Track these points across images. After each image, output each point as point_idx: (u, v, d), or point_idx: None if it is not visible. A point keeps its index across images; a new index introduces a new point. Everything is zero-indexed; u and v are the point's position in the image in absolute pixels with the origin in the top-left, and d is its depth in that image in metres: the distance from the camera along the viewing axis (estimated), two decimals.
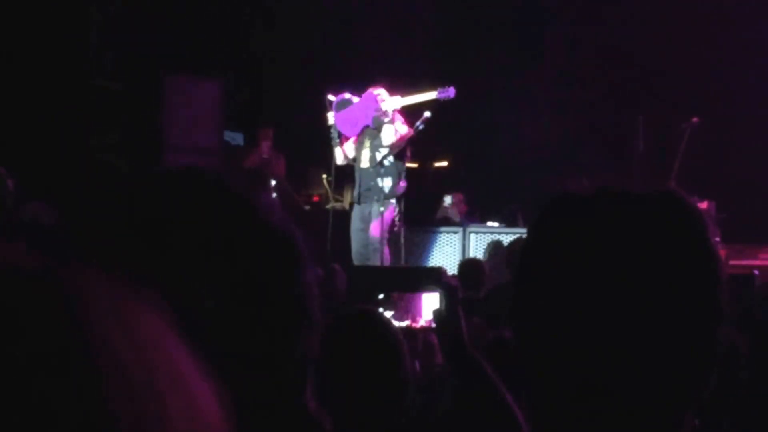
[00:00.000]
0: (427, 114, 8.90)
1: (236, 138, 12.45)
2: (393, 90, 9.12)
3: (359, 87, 9.34)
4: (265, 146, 11.17)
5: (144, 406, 0.55)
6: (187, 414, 0.57)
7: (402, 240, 9.35)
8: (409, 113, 9.13)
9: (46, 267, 0.59)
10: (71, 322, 0.55)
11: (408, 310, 6.26)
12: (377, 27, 12.47)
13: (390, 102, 9.04)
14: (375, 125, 9.04)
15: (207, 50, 11.50)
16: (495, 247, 9.61)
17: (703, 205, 9.60)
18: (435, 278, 2.66)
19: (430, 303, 4.62)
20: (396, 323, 5.41)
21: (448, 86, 8.94)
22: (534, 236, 1.19)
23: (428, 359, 4.36)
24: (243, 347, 0.89)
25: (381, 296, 5.77)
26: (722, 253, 6.82)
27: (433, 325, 2.61)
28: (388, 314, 5.51)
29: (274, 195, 9.76)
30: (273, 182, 10.49)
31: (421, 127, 8.95)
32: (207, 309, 0.88)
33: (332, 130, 9.33)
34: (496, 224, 11.27)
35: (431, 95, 8.96)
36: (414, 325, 6.00)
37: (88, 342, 0.54)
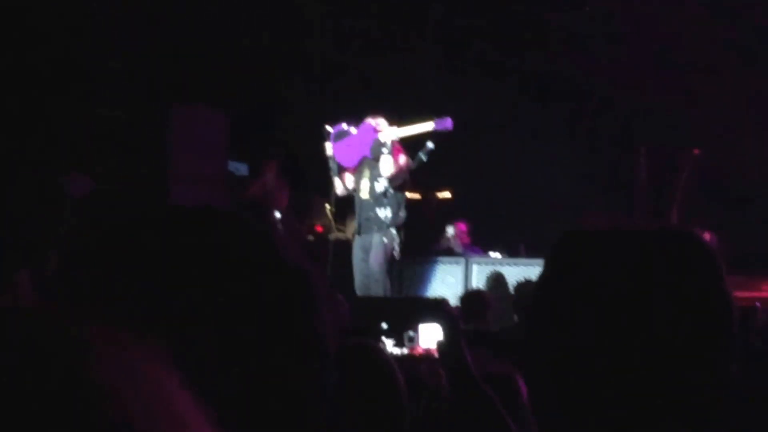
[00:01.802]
0: (429, 144, 8.92)
1: (240, 169, 12.44)
2: (392, 121, 9.12)
3: (357, 118, 9.35)
4: (270, 177, 11.16)
5: None
6: None
7: (402, 270, 9.32)
8: (409, 144, 9.14)
9: (51, 313, 0.59)
10: (76, 372, 0.54)
11: (409, 338, 6.24)
12: (379, 60, 12.51)
13: (388, 132, 9.04)
14: (373, 156, 9.04)
15: (212, 79, 11.51)
16: (495, 280, 9.60)
17: (705, 236, 9.59)
18: (437, 309, 2.67)
19: (428, 332, 4.62)
20: (396, 350, 5.39)
21: (445, 117, 8.94)
22: (549, 271, 1.19)
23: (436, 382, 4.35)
24: (257, 386, 0.89)
25: (384, 326, 5.76)
26: None
27: (437, 355, 2.61)
28: (389, 342, 5.49)
29: (279, 227, 9.76)
30: (277, 214, 10.46)
31: (424, 158, 8.96)
32: (220, 347, 0.87)
33: (330, 161, 9.35)
34: (498, 255, 11.25)
35: (428, 126, 8.96)
36: (414, 353, 5.97)
37: (94, 391, 0.54)
